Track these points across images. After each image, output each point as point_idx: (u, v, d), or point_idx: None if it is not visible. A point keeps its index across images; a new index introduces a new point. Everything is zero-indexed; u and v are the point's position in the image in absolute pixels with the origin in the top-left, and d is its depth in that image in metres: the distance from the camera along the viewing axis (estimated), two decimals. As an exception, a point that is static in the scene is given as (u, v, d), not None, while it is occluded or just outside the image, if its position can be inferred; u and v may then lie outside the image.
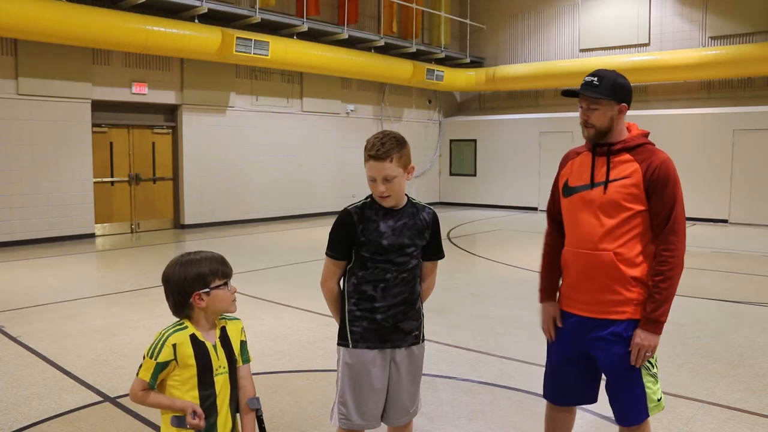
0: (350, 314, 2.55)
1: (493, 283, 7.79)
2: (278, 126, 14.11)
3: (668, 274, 2.41)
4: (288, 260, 9.23)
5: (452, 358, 4.81)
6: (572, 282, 2.62)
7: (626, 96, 2.53)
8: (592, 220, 2.51)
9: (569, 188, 2.63)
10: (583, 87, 2.53)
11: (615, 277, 2.47)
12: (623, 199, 2.46)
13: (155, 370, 2.10)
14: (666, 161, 2.48)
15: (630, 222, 2.46)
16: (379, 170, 2.42)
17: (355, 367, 2.51)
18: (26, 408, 3.88)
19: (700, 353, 4.99)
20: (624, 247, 2.47)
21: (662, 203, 2.44)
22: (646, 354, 2.44)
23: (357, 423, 2.53)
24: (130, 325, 5.76)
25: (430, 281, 2.70)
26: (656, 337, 2.44)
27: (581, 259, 2.55)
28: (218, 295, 2.19)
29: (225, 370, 2.22)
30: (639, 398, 2.48)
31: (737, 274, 8.46)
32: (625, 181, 2.47)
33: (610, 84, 2.50)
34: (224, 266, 2.23)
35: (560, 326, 2.67)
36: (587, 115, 2.54)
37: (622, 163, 2.51)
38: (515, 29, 17.76)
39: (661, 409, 2.53)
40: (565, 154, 2.78)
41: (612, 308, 2.49)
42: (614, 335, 2.48)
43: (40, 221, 10.56)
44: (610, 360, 2.50)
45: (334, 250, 2.55)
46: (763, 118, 13.54)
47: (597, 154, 2.57)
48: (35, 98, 10.41)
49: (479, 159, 17.85)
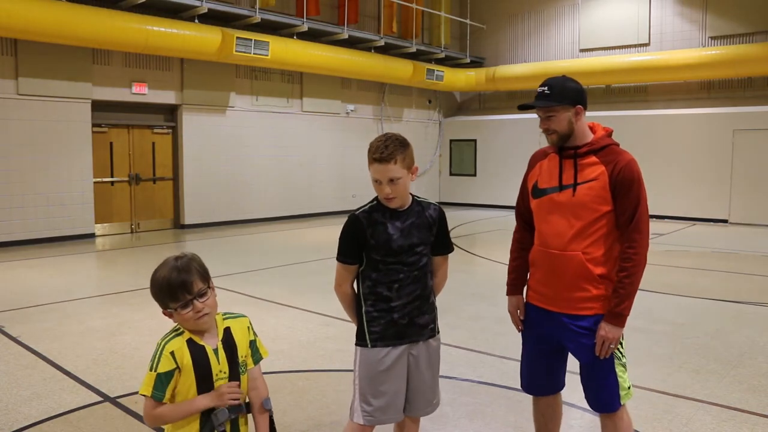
0: (368, 315, 2.59)
1: (493, 283, 7.78)
2: (278, 126, 14.11)
3: (631, 270, 2.52)
4: (288, 260, 9.23)
5: (452, 358, 4.81)
6: (541, 278, 2.73)
7: (578, 98, 2.62)
8: (562, 221, 2.62)
9: (539, 190, 2.73)
10: (536, 98, 2.66)
11: (583, 276, 2.58)
12: (591, 201, 2.56)
13: (157, 382, 2.02)
14: (630, 162, 2.57)
15: (597, 222, 2.57)
16: (384, 172, 2.45)
17: (375, 366, 2.55)
18: (26, 408, 3.88)
19: (700, 353, 4.99)
20: (592, 247, 2.58)
21: (627, 203, 2.53)
22: (610, 346, 2.55)
23: (381, 419, 2.58)
24: (130, 325, 5.76)
25: (441, 275, 2.75)
26: (619, 330, 2.55)
27: (551, 258, 2.66)
28: (178, 318, 2.09)
29: (225, 375, 2.13)
30: (612, 387, 2.60)
31: (737, 274, 8.46)
32: (593, 184, 2.57)
33: (560, 90, 2.60)
34: (174, 293, 2.04)
35: (522, 318, 2.84)
36: (546, 124, 2.65)
37: (588, 165, 2.60)
38: (515, 29, 17.76)
39: (630, 396, 2.65)
40: (533, 155, 2.87)
41: (580, 304, 2.61)
42: (583, 328, 2.61)
43: (40, 221, 10.56)
44: (581, 351, 2.63)
45: (345, 255, 2.58)
46: (763, 118, 13.54)
47: (564, 157, 2.66)
48: (35, 98, 10.41)
49: (479, 159, 17.85)
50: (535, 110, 2.68)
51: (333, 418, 3.74)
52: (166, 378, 2.03)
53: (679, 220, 14.39)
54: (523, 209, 2.87)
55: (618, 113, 14.95)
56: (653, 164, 13.67)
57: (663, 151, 14.28)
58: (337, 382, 4.34)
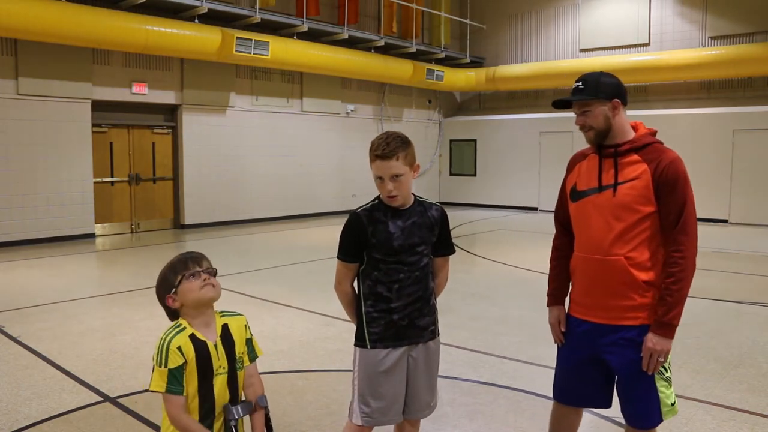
0: (367, 315, 2.57)
1: (493, 283, 7.79)
2: (278, 126, 14.11)
3: (679, 276, 2.36)
4: (288, 260, 9.23)
5: (452, 358, 4.80)
6: (583, 288, 2.58)
7: (615, 91, 2.48)
8: (602, 224, 2.47)
9: (577, 192, 2.59)
10: (571, 93, 2.53)
11: (627, 283, 2.43)
12: (633, 201, 2.41)
13: (170, 377, 2.07)
14: (675, 160, 2.41)
15: (640, 224, 2.42)
16: (386, 169, 2.44)
17: (375, 367, 2.54)
18: (26, 408, 3.88)
19: (700, 353, 4.99)
20: (635, 251, 2.42)
21: (672, 204, 2.38)
22: (659, 359, 2.39)
23: (380, 420, 2.57)
24: (130, 325, 5.76)
25: (442, 276, 2.73)
26: (668, 341, 2.39)
27: (592, 264, 2.51)
28: (184, 288, 2.17)
29: (225, 370, 2.18)
30: (653, 403, 2.45)
31: (737, 274, 8.46)
32: (635, 183, 2.42)
33: (595, 84, 2.48)
34: (185, 262, 2.21)
35: (564, 330, 2.66)
36: (582, 120, 2.52)
37: (630, 164, 2.46)
38: (515, 29, 17.76)
39: (675, 413, 2.50)
40: (572, 157, 2.72)
41: (625, 314, 2.45)
42: (627, 340, 2.45)
43: (40, 221, 10.56)
44: (623, 364, 2.47)
45: (346, 253, 2.57)
46: (763, 118, 13.54)
47: (604, 156, 2.52)
48: (35, 98, 10.41)
49: (479, 159, 17.85)
50: (571, 108, 2.55)
51: (333, 418, 3.74)
52: (179, 372, 2.08)
53: (679, 220, 14.37)
54: (562, 215, 2.73)
55: (618, 113, 14.92)
56: (653, 164, 13.65)
57: (663, 151, 14.25)
58: (337, 382, 4.34)
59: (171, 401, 2.08)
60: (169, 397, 2.08)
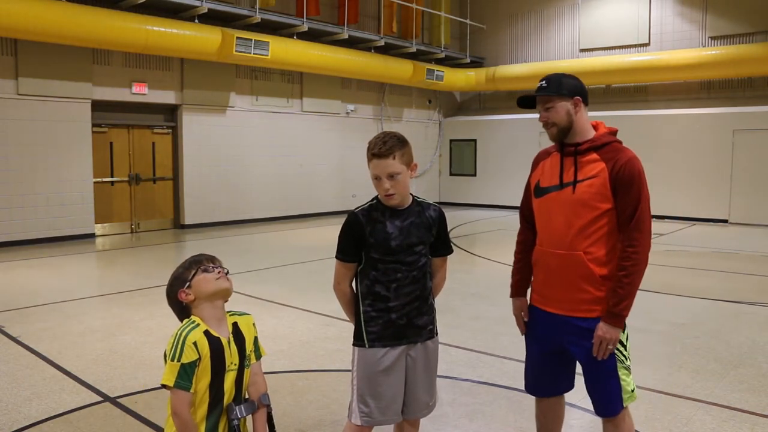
0: (365, 315, 2.58)
1: (493, 283, 7.78)
2: (278, 126, 14.11)
3: (631, 270, 2.47)
4: (288, 260, 9.23)
5: (452, 358, 4.81)
6: (543, 280, 2.70)
7: (576, 90, 2.59)
8: (563, 220, 2.58)
9: (540, 189, 2.70)
10: (536, 91, 2.65)
11: (585, 277, 2.54)
12: (592, 198, 2.52)
13: (181, 372, 2.07)
14: (632, 159, 2.52)
15: (598, 221, 2.52)
16: (383, 167, 2.46)
17: (373, 367, 2.54)
18: (26, 408, 3.88)
19: (700, 353, 4.99)
20: (593, 246, 2.53)
21: (628, 201, 2.49)
22: (608, 346, 2.50)
23: (379, 420, 2.57)
24: (130, 325, 5.76)
25: (440, 276, 2.74)
26: (617, 330, 2.50)
27: (552, 258, 2.62)
28: (199, 280, 2.20)
29: (236, 366, 2.21)
30: (615, 390, 2.56)
31: (737, 274, 8.46)
32: (593, 181, 2.53)
33: (558, 82, 2.60)
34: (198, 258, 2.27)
35: (527, 320, 2.81)
36: (546, 116, 2.63)
37: (589, 162, 2.57)
38: (515, 29, 17.76)
39: (634, 399, 2.61)
40: (537, 155, 2.85)
41: (582, 306, 2.57)
42: (585, 330, 2.56)
43: (40, 221, 10.56)
44: (583, 354, 2.59)
45: (344, 253, 2.58)
46: (763, 118, 13.54)
47: (565, 154, 2.64)
48: (35, 98, 10.41)
49: (479, 159, 17.85)
50: (536, 107, 2.66)
51: (333, 418, 3.74)
52: (191, 368, 2.09)
53: (679, 220, 14.39)
54: (526, 210, 2.84)
55: (618, 113, 14.94)
56: (653, 164, 13.63)
57: (663, 151, 14.26)
58: (337, 382, 4.34)
59: (178, 395, 2.09)
60: (176, 392, 2.09)
